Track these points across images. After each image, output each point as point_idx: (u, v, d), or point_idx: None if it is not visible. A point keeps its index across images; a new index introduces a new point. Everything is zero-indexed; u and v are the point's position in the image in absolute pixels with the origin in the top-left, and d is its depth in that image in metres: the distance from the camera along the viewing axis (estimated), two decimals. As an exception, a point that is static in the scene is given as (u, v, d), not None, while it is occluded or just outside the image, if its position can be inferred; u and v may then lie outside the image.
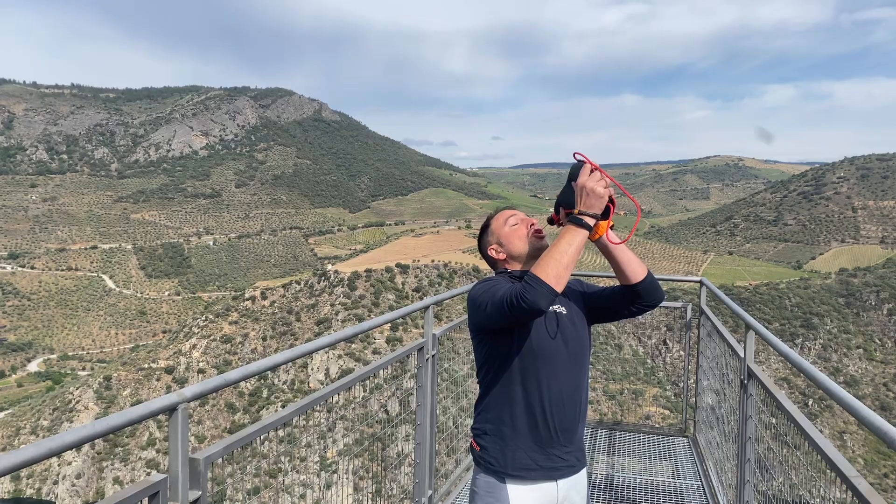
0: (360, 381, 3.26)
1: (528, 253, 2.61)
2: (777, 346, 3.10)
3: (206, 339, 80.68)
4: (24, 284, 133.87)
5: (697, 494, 5.05)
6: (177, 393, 2.01)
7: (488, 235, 2.69)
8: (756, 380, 3.52)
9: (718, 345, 4.95)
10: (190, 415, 2.27)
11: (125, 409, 1.87)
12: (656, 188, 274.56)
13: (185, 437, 2.03)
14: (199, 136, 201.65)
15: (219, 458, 2.15)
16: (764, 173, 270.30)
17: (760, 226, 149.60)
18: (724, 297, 4.76)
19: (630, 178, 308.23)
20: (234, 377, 2.22)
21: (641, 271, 2.60)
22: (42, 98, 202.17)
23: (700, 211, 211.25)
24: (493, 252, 2.66)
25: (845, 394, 2.30)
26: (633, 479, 5.35)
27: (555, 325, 2.47)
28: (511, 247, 2.62)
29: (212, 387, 2.11)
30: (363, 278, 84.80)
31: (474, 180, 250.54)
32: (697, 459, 5.69)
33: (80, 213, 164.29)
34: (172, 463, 2.01)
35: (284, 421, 2.73)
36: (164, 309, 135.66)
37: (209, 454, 2.11)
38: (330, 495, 40.44)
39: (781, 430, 3.10)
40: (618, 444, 6.11)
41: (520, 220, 2.65)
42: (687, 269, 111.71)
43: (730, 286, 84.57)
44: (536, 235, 2.62)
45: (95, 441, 68.17)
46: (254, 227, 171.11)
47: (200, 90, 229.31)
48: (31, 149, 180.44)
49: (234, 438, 2.22)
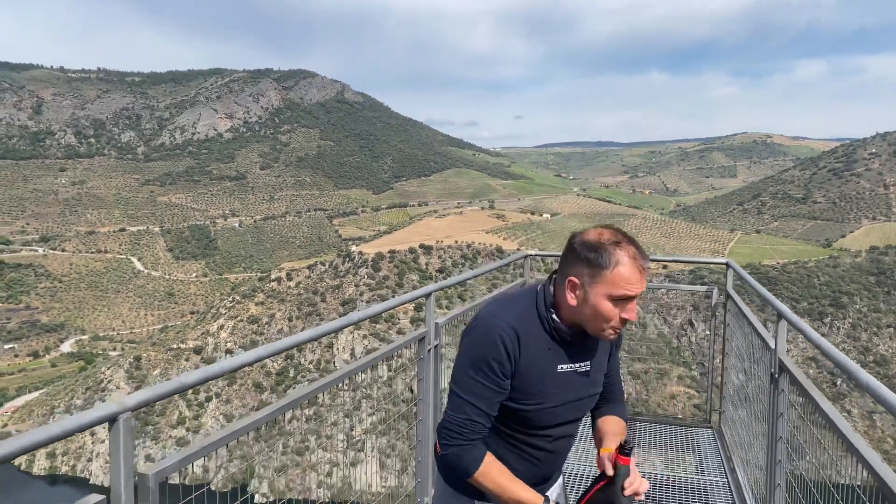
0: (350, 376, 3.00)
1: (593, 332, 2.06)
2: (812, 336, 2.78)
3: (234, 320, 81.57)
4: (55, 267, 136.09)
5: (724, 492, 4.74)
6: (117, 402, 1.77)
7: (594, 271, 1.98)
8: (788, 374, 3.19)
9: (747, 333, 4.61)
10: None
11: (63, 419, 1.69)
12: (682, 166, 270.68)
13: (130, 451, 1.78)
14: (224, 119, 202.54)
15: (173, 473, 1.89)
16: (793, 150, 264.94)
17: (789, 204, 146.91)
18: (753, 282, 4.40)
19: (656, 156, 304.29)
20: (191, 380, 1.95)
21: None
22: (69, 83, 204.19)
23: (727, 189, 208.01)
24: (569, 287, 2.04)
25: (889, 393, 2.00)
26: (654, 475, 5.06)
27: (569, 387, 2.10)
28: (587, 313, 2.02)
29: (160, 393, 1.81)
30: (387, 259, 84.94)
31: (497, 160, 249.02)
32: (723, 453, 5.37)
33: (108, 197, 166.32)
34: (114, 480, 1.76)
35: (267, 420, 2.49)
36: (192, 290, 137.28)
37: (160, 469, 1.82)
38: (356, 472, 40.63)
39: (818, 432, 2.78)
40: (639, 436, 5.81)
41: (627, 298, 1.98)
42: (713, 248, 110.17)
43: (757, 265, 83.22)
44: (617, 332, 2.05)
45: (126, 420, 69.78)
46: (279, 208, 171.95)
47: (224, 73, 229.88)
48: (60, 133, 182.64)
49: (188, 452, 1.95)
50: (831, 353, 2.56)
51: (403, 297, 3.46)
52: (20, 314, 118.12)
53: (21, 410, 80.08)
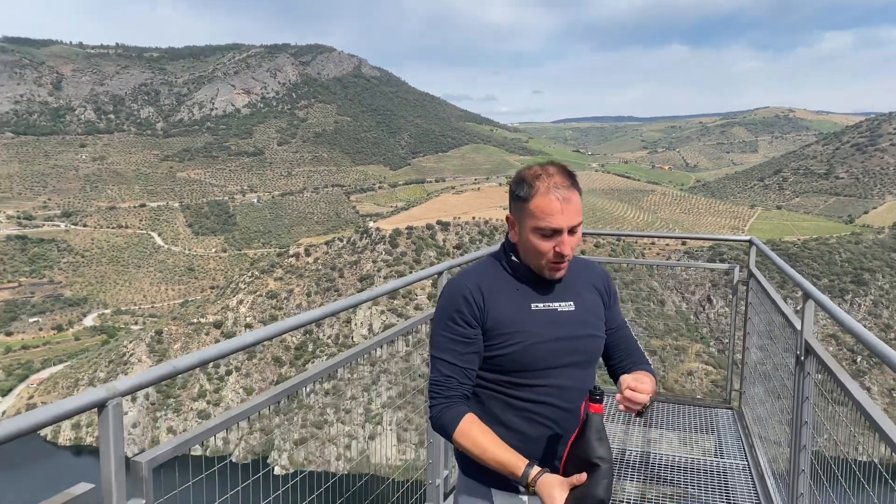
0: (369, 351, 2.92)
1: (536, 269, 2.05)
2: (840, 317, 2.64)
3: (253, 295, 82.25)
4: (77, 242, 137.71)
5: (743, 475, 4.62)
6: (106, 387, 1.71)
7: (519, 205, 2.04)
8: (815, 357, 3.05)
9: (770, 312, 4.46)
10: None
11: (50, 405, 1.62)
12: (703, 141, 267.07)
13: (120, 437, 1.73)
14: (242, 95, 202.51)
15: (168, 460, 1.83)
16: (815, 125, 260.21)
17: (811, 179, 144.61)
18: (778, 260, 4.24)
19: (675, 131, 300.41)
20: (185, 364, 1.86)
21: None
22: (88, 58, 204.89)
23: (748, 164, 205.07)
24: (509, 225, 2.11)
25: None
26: (671, 457, 4.95)
27: (552, 325, 2.02)
28: (524, 249, 2.05)
29: (151, 378, 1.76)
30: (404, 235, 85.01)
31: (515, 136, 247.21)
32: (743, 435, 5.25)
33: (128, 172, 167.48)
34: (104, 468, 1.70)
35: (279, 399, 2.42)
36: (212, 265, 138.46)
37: (153, 457, 1.77)
38: (374, 446, 41.12)
39: (846, 417, 2.65)
40: (656, 418, 5.69)
41: (552, 231, 1.96)
42: (733, 224, 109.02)
43: (777, 241, 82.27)
44: (554, 267, 2.01)
45: (149, 392, 70.57)
46: (296, 184, 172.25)
47: (241, 48, 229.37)
48: (80, 109, 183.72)
49: (181, 440, 1.86)
50: (862, 336, 2.43)
51: (416, 274, 3.36)
52: (44, 288, 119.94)
53: (46, 383, 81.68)
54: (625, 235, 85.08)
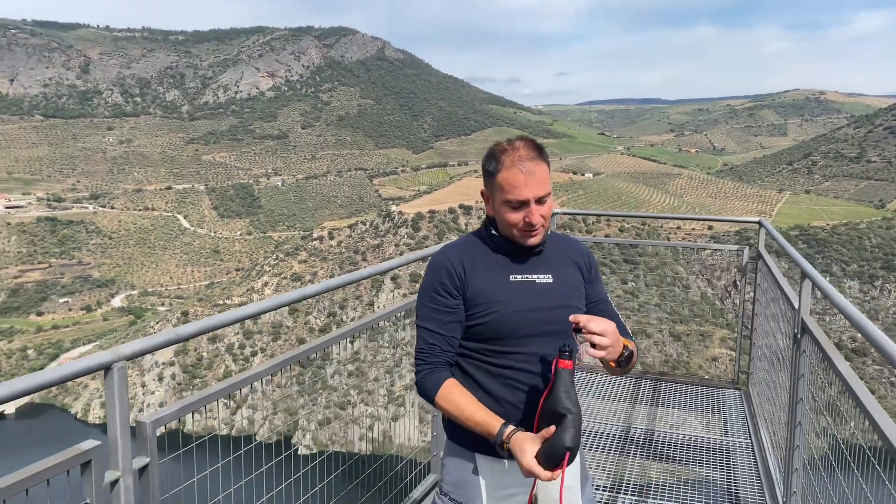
0: (352, 334, 3.01)
1: (512, 238, 2.15)
2: (834, 298, 2.69)
3: (277, 277, 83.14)
4: (105, 224, 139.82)
5: (746, 453, 4.68)
6: (111, 350, 1.80)
7: (489, 179, 2.15)
8: (810, 335, 3.10)
9: (776, 293, 4.49)
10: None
11: (58, 366, 1.73)
12: (730, 124, 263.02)
13: (124, 398, 1.80)
14: (266, 78, 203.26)
15: (171, 422, 1.93)
16: (847, 107, 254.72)
17: (841, 163, 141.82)
18: (782, 241, 4.27)
19: (703, 114, 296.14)
20: (187, 332, 1.98)
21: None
22: (115, 42, 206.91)
23: (776, 148, 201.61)
24: (484, 199, 2.22)
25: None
26: (675, 435, 5.02)
27: (530, 296, 2.11)
28: (498, 221, 2.16)
29: (154, 343, 1.85)
30: (426, 219, 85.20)
31: (539, 118, 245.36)
32: (749, 415, 5.30)
33: (154, 155, 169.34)
34: (110, 428, 1.80)
35: (272, 372, 2.53)
36: (237, 248, 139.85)
37: (157, 418, 1.88)
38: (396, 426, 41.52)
39: (836, 394, 2.71)
40: (662, 397, 5.75)
41: (520, 203, 2.07)
42: (760, 208, 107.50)
43: (805, 226, 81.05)
44: (527, 234, 2.10)
45: (175, 372, 71.84)
46: (320, 168, 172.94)
47: (266, 31, 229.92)
48: (107, 92, 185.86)
49: (185, 402, 1.99)
50: (851, 314, 2.48)
51: (418, 252, 3.45)
52: (73, 269, 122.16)
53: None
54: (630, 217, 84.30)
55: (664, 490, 4.27)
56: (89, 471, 1.75)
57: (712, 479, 4.37)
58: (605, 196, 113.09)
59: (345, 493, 3.51)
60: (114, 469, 1.82)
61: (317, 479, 2.97)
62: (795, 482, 3.32)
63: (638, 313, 66.89)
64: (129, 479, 1.83)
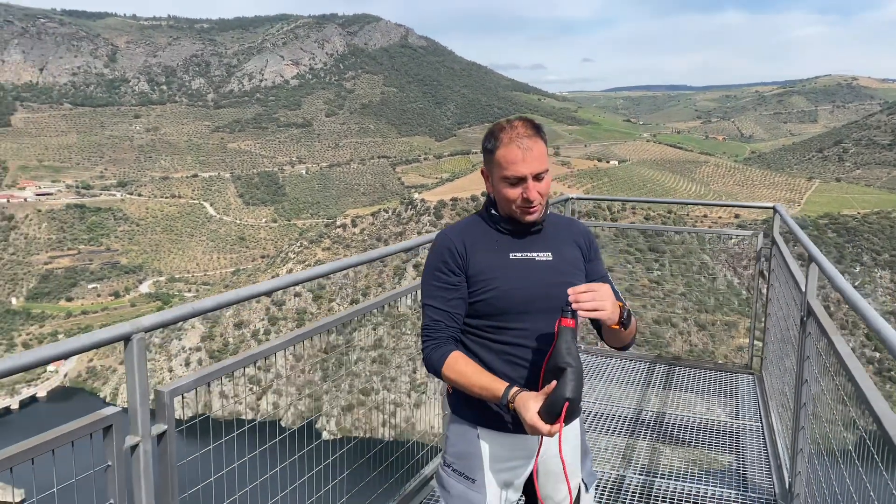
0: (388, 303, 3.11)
1: (511, 215, 2.22)
2: (836, 281, 2.73)
3: (302, 265, 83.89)
4: (133, 211, 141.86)
5: (756, 437, 4.72)
6: (131, 322, 1.89)
7: (487, 157, 2.21)
8: (815, 317, 3.14)
9: (787, 278, 4.52)
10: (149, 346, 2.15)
11: (79, 336, 1.80)
12: (759, 111, 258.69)
13: (143, 368, 1.91)
14: (290, 66, 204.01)
15: (189, 392, 2.05)
16: (881, 93, 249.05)
17: (873, 150, 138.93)
18: (794, 226, 4.30)
19: (730, 100, 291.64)
20: (204, 306, 2.09)
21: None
22: (142, 30, 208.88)
23: (806, 135, 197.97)
24: (484, 178, 2.29)
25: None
26: (686, 418, 5.06)
27: (528, 273, 2.19)
28: (497, 199, 2.24)
29: (172, 317, 1.98)
30: (449, 207, 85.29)
31: (564, 105, 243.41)
32: (761, 398, 5.32)
33: (180, 143, 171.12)
34: (130, 397, 1.91)
35: (295, 342, 2.63)
36: (262, 235, 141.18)
37: (176, 387, 2.01)
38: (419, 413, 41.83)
39: (837, 376, 2.75)
40: (675, 381, 5.79)
41: (517, 179, 2.13)
42: (789, 196, 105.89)
43: (835, 215, 79.71)
44: (525, 211, 2.17)
45: (202, 357, 72.70)
46: (343, 156, 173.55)
47: (290, 18, 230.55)
48: (134, 80, 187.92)
49: (203, 373, 2.11)
50: (853, 300, 2.52)
51: (430, 235, 3.52)
52: (102, 256, 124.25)
53: (105, 347, 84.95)
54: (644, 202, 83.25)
55: (674, 472, 4.33)
56: (111, 436, 1.86)
57: (721, 461, 4.43)
58: (631, 184, 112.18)
59: (370, 478, 3.60)
60: (133, 434, 1.92)
61: (330, 462, 3.06)
62: (800, 463, 3.37)
63: (663, 302, 66.33)
64: (147, 445, 1.93)
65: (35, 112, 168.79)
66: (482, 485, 2.20)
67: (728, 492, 4.00)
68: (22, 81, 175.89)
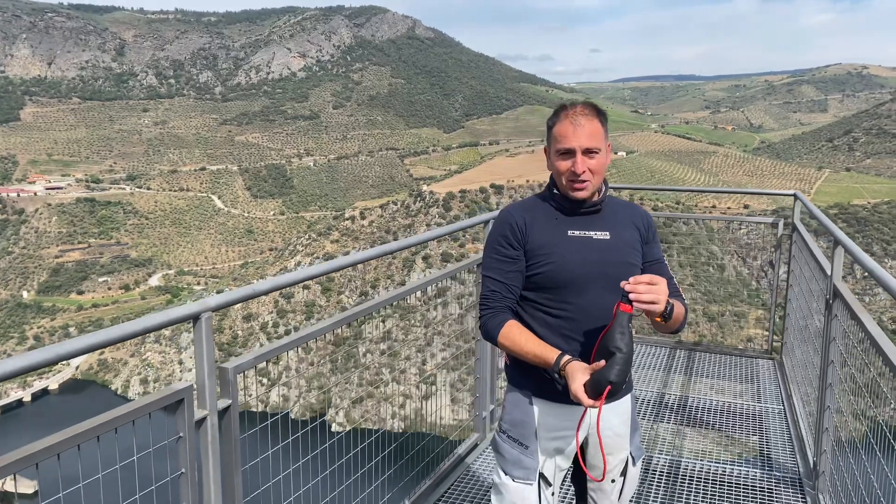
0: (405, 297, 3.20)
1: (563, 191, 2.37)
2: (866, 263, 2.80)
3: (310, 257, 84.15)
4: (142, 204, 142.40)
5: (778, 419, 4.80)
6: (200, 302, 2.01)
7: (548, 134, 2.43)
8: (841, 299, 3.21)
9: (809, 263, 4.58)
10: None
11: (148, 315, 1.87)
12: (768, 101, 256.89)
13: (210, 346, 2.02)
14: (297, 58, 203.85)
15: (250, 369, 2.16)
16: (891, 82, 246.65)
17: (884, 140, 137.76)
18: (816, 211, 4.36)
19: (740, 90, 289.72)
20: (264, 288, 2.20)
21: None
22: (149, 24, 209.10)
23: (816, 125, 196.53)
24: (546, 155, 2.48)
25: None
26: (708, 401, 5.15)
27: (586, 250, 2.30)
28: (552, 170, 2.41)
29: (237, 297, 2.10)
30: (457, 199, 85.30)
31: (572, 96, 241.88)
32: (782, 382, 5.40)
33: (188, 136, 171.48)
34: (199, 372, 2.03)
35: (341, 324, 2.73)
36: (270, 228, 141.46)
37: (238, 364, 2.12)
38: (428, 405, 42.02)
39: (866, 355, 2.82)
40: (697, 366, 5.88)
41: (566, 150, 2.31)
42: (798, 186, 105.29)
43: (845, 204, 79.31)
44: (572, 185, 2.31)
45: (218, 343, 73.00)
46: (351, 148, 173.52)
47: (296, 11, 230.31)
48: (142, 74, 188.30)
49: (262, 351, 2.22)
50: (884, 280, 2.59)
51: (461, 223, 3.61)
52: (112, 249, 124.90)
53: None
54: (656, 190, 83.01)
55: (699, 453, 4.42)
56: (182, 409, 1.96)
57: (745, 442, 4.51)
58: (639, 175, 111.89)
59: (393, 470, 3.71)
60: (202, 408, 2.03)
61: (352, 454, 3.17)
62: (826, 442, 3.45)
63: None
64: (214, 418, 2.05)
65: (44, 106, 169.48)
66: (535, 451, 2.34)
67: (753, 471, 4.09)
68: (30, 76, 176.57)
